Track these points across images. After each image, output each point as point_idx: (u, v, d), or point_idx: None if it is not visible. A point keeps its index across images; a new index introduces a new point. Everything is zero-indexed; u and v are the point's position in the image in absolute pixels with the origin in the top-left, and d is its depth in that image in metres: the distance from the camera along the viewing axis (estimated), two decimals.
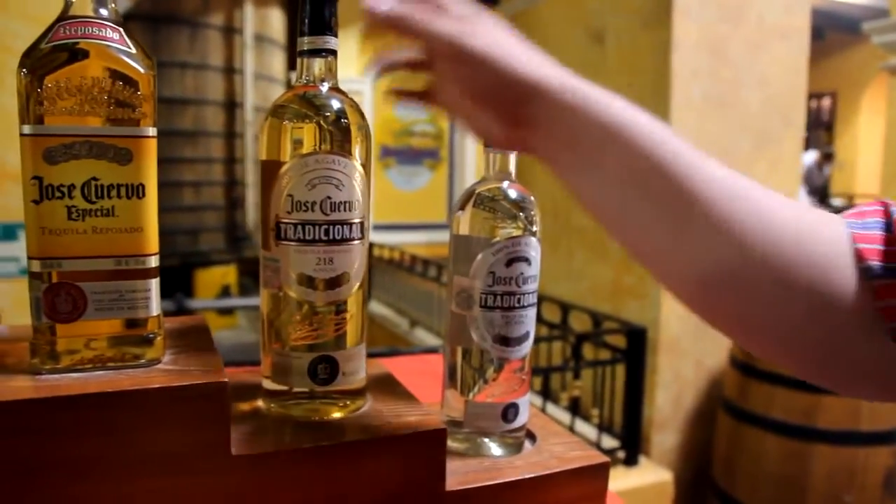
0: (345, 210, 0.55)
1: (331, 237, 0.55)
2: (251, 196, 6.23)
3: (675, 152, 0.46)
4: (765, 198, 0.47)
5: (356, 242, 0.57)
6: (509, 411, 0.66)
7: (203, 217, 5.65)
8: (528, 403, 0.69)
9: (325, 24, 0.56)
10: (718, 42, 3.15)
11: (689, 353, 3.12)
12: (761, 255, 0.45)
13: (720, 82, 3.18)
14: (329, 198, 0.55)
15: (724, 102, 3.20)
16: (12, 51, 2.41)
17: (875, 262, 0.45)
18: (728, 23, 3.17)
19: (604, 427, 2.69)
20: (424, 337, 4.37)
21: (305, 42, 0.57)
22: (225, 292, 5.86)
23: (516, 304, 0.64)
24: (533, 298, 0.65)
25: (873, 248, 0.45)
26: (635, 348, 2.58)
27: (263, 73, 6.51)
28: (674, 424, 3.24)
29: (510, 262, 0.63)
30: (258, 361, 0.62)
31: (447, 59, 0.50)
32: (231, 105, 6.12)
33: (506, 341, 0.64)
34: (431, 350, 2.14)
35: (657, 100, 3.14)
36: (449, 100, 0.54)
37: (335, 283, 0.56)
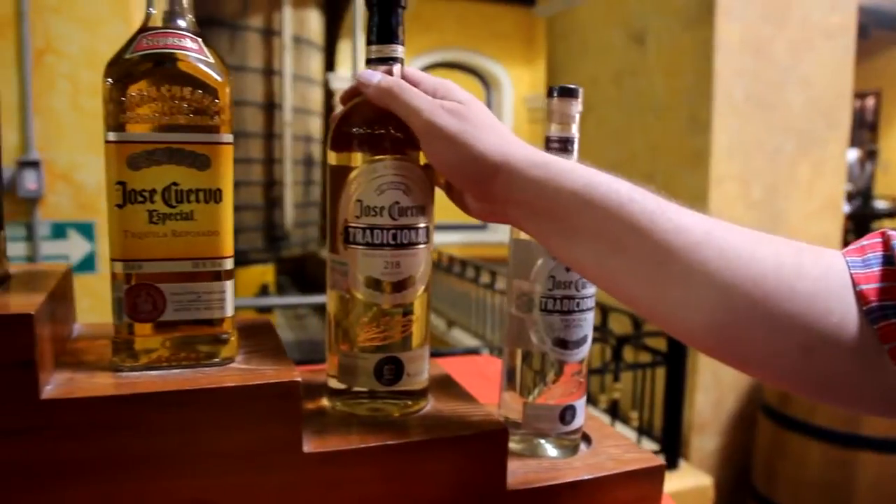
0: (412, 215, 0.57)
1: (398, 241, 0.57)
2: (289, 196, 6.29)
3: (642, 208, 0.48)
4: (737, 238, 0.48)
5: (422, 246, 0.58)
6: (567, 413, 0.67)
7: (242, 217, 5.73)
8: (584, 406, 0.69)
9: (392, 32, 0.57)
10: (762, 42, 3.12)
11: None
12: (742, 294, 0.46)
13: (763, 83, 3.14)
14: (397, 203, 0.56)
15: (767, 104, 3.16)
16: (62, 53, 2.48)
17: (875, 303, 0.45)
18: (771, 23, 3.13)
19: (643, 430, 2.68)
20: (462, 337, 4.39)
21: (373, 50, 0.58)
22: (263, 291, 5.93)
23: (575, 308, 0.65)
24: (591, 302, 0.66)
25: (873, 287, 0.45)
26: (676, 351, 2.56)
27: (302, 74, 6.56)
28: (714, 428, 3.22)
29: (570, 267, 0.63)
30: (298, 360, 0.63)
31: (421, 134, 0.55)
32: (270, 106, 6.19)
33: (565, 344, 0.65)
34: (472, 351, 2.16)
35: (699, 101, 3.12)
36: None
37: (401, 286, 0.58)
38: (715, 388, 3.17)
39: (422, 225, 0.58)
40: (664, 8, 3.31)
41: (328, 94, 7.32)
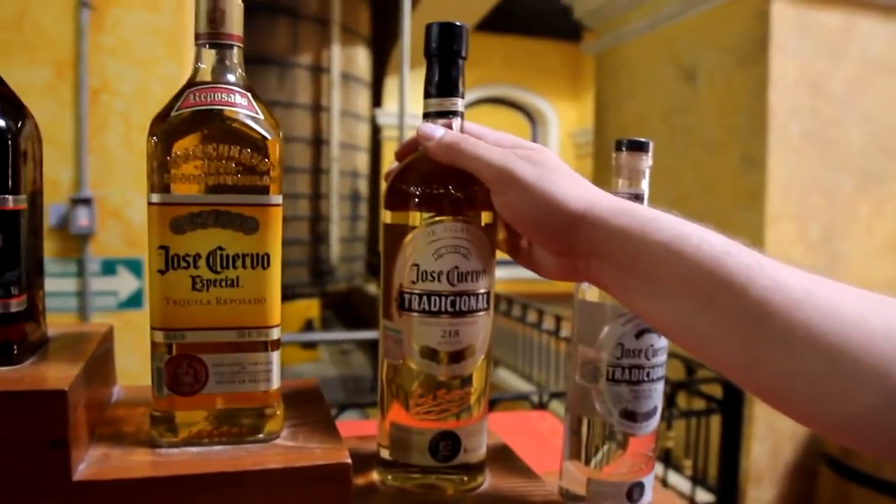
0: (472, 280, 0.53)
1: (457, 309, 0.52)
2: (335, 231, 6.33)
3: (737, 262, 0.44)
4: (841, 296, 0.42)
5: (482, 314, 0.54)
6: (634, 490, 0.62)
7: (288, 251, 5.76)
8: (652, 481, 0.64)
9: (452, 85, 0.54)
10: (818, 78, 3.04)
11: None
12: (851, 361, 0.40)
13: (820, 120, 3.06)
14: (457, 268, 0.52)
15: (825, 141, 3.08)
16: (117, 93, 2.52)
17: None
18: (828, 58, 3.05)
19: (697, 479, 2.57)
20: (507, 377, 4.31)
21: (432, 104, 0.54)
22: (308, 326, 5.94)
23: (644, 378, 0.60)
24: (662, 371, 0.61)
25: None
26: (733, 398, 2.46)
27: (349, 110, 6.64)
28: (771, 478, 3.09)
29: (640, 334, 0.58)
30: (343, 402, 0.59)
31: (494, 184, 0.51)
32: (318, 142, 6.26)
33: (633, 416, 0.60)
34: (521, 397, 2.10)
35: (753, 139, 3.04)
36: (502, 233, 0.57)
37: (460, 356, 0.53)
38: (771, 437, 3.05)
39: (482, 290, 0.54)
40: (716, 44, 3.26)
41: (375, 129, 7.38)
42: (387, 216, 0.56)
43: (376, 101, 7.52)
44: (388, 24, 6.56)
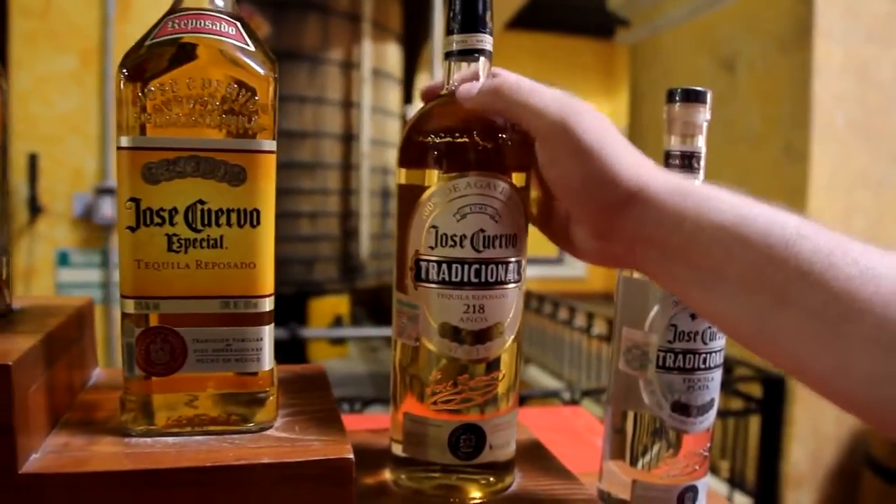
0: (501, 246, 0.45)
1: (483, 279, 0.44)
2: (365, 227, 6.29)
3: (815, 247, 0.36)
4: None
5: (512, 286, 0.46)
6: (687, 496, 0.54)
7: (318, 247, 5.74)
8: (707, 486, 0.56)
9: (479, 19, 0.46)
10: (865, 64, 2.91)
11: (829, 404, 2.84)
12: None
13: (867, 108, 2.93)
14: (482, 231, 0.44)
15: (872, 131, 2.95)
16: None
17: None
18: (876, 43, 2.92)
19: (735, 482, 2.47)
20: (538, 376, 4.24)
21: (455, 41, 0.47)
22: (337, 322, 5.90)
23: (701, 366, 0.51)
24: (720, 357, 0.53)
25: None
26: (773, 398, 2.36)
27: (380, 106, 6.59)
28: (812, 482, 2.97)
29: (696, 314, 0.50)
30: (370, 398, 0.52)
31: (546, 140, 0.43)
32: (348, 138, 6.22)
33: (686, 410, 0.52)
34: (553, 394, 2.02)
35: (796, 129, 2.92)
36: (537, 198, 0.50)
37: (485, 335, 0.45)
38: (813, 439, 2.93)
39: (512, 259, 0.46)
40: (757, 31, 3.14)
41: (405, 125, 7.33)
42: (401, 175, 0.48)
43: (407, 97, 7.45)
44: (419, 20, 6.50)
